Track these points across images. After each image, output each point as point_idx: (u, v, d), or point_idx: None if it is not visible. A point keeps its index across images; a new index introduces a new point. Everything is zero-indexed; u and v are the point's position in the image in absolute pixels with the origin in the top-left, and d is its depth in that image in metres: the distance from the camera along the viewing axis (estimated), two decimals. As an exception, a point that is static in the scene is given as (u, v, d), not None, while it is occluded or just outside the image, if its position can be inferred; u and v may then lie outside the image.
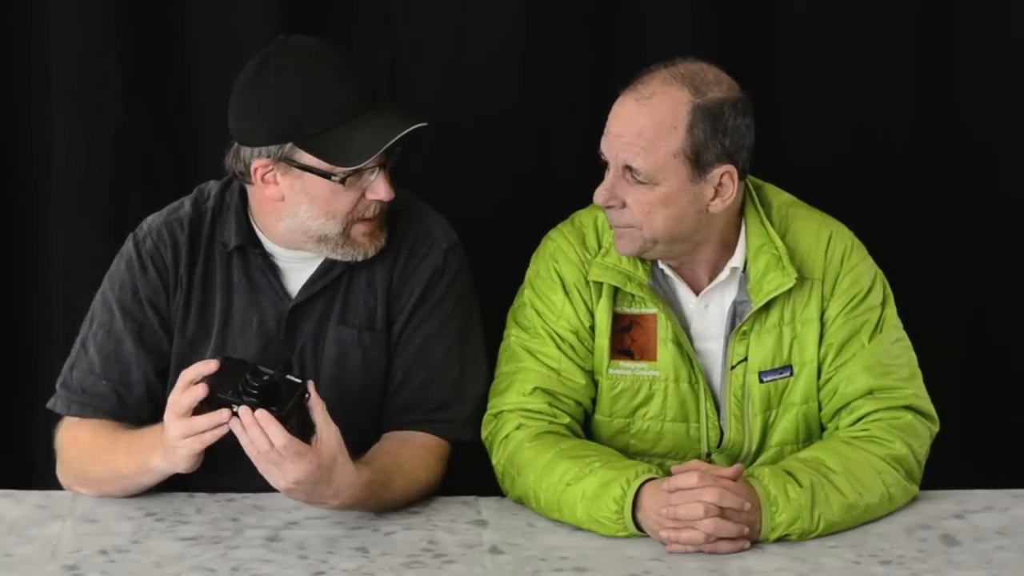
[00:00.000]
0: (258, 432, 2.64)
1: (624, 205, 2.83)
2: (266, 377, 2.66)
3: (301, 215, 2.87)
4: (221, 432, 2.68)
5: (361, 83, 2.84)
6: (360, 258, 2.91)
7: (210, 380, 2.68)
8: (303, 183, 2.85)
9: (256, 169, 2.86)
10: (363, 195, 2.86)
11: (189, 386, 2.69)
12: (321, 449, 2.67)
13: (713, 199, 2.83)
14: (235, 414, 2.65)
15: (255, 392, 2.65)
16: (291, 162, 2.83)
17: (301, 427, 2.67)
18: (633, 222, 2.83)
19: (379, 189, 2.85)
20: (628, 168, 2.80)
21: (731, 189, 2.83)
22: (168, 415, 2.71)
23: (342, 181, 2.82)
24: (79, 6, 3.40)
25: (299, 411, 2.67)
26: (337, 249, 2.90)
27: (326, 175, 2.82)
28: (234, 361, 2.71)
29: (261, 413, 2.64)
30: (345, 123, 2.81)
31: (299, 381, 2.68)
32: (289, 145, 2.82)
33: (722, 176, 2.82)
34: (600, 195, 2.84)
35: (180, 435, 2.69)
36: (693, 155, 2.79)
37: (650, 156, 2.79)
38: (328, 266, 2.95)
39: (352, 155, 2.80)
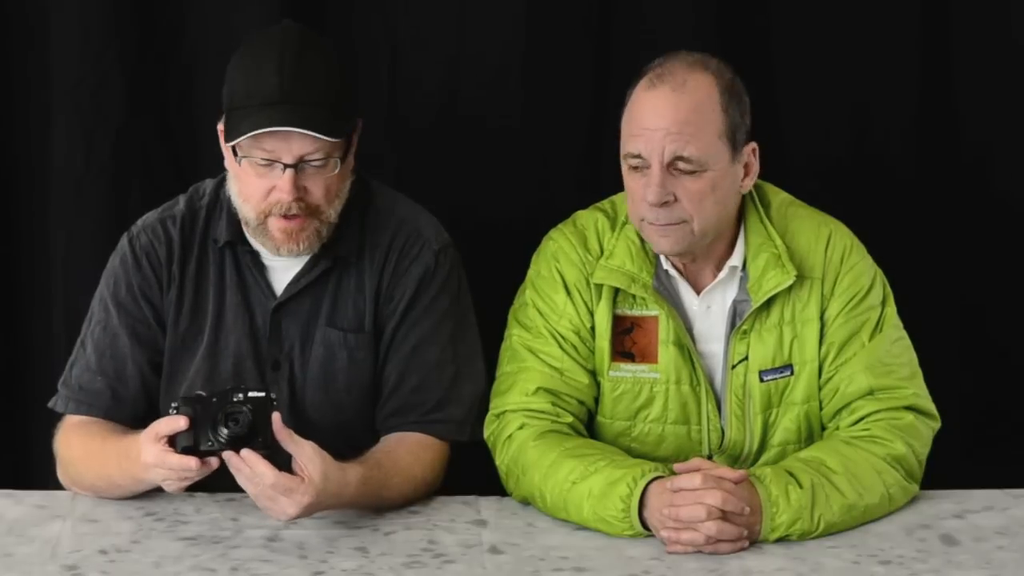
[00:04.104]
0: (249, 472, 2.65)
1: (675, 200, 2.82)
2: (238, 418, 2.64)
3: (232, 192, 2.92)
4: (200, 474, 2.68)
5: (298, 76, 2.81)
6: (278, 253, 2.90)
7: (188, 414, 2.67)
8: (231, 157, 2.89)
9: (221, 133, 2.91)
10: (274, 188, 2.84)
11: (160, 438, 2.68)
12: (310, 475, 2.66)
13: (744, 178, 2.87)
14: (208, 454, 2.65)
15: (231, 438, 2.64)
16: (225, 133, 2.89)
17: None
18: (684, 215, 2.82)
19: (280, 187, 2.83)
20: (679, 159, 2.79)
21: (756, 166, 2.88)
22: (144, 436, 2.71)
23: (240, 161, 2.84)
24: (79, 6, 3.40)
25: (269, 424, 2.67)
26: (259, 238, 2.90)
27: (235, 152, 2.85)
28: (200, 400, 2.69)
29: (247, 454, 2.64)
30: (256, 107, 2.81)
31: (263, 394, 2.67)
32: (224, 116, 2.88)
33: (749, 154, 2.86)
34: (655, 193, 2.79)
35: (153, 462, 2.68)
36: (731, 135, 2.82)
37: (700, 142, 2.79)
38: (311, 265, 2.95)
39: (235, 133, 2.82)
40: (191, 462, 2.66)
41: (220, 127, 2.91)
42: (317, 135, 2.79)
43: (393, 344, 2.97)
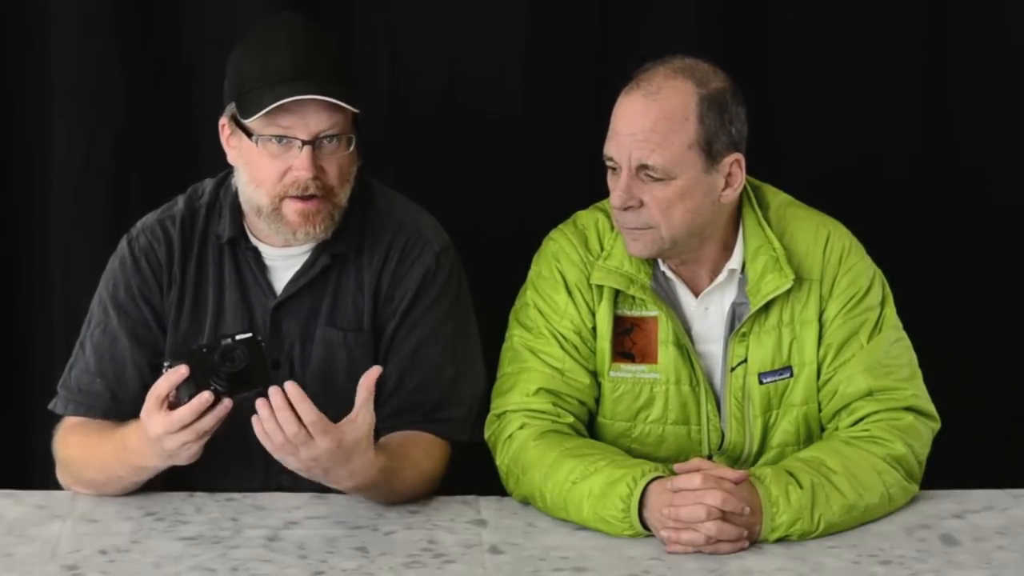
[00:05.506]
0: (271, 425, 2.64)
1: (641, 205, 2.82)
2: (234, 356, 2.65)
3: (242, 182, 2.91)
4: (216, 420, 2.67)
5: (309, 56, 2.84)
6: (294, 238, 2.89)
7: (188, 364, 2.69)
8: (241, 145, 2.88)
9: (223, 128, 2.92)
10: (289, 169, 2.85)
11: (162, 402, 2.68)
12: (347, 429, 2.67)
13: (724, 189, 2.85)
14: (217, 397, 2.66)
15: (231, 376, 2.65)
16: (234, 121, 2.88)
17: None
18: (651, 221, 2.83)
19: (299, 164, 2.84)
20: (644, 166, 2.80)
21: (740, 177, 2.86)
22: (144, 412, 2.71)
23: (256, 141, 2.84)
24: (79, 6, 3.40)
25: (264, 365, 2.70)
26: (272, 225, 2.89)
27: (250, 134, 2.85)
28: (190, 353, 2.70)
29: (291, 387, 2.63)
30: (271, 84, 2.82)
31: (249, 335, 2.70)
32: (232, 104, 2.88)
33: (731, 165, 2.84)
34: (618, 197, 2.82)
35: (164, 431, 2.68)
36: (706, 145, 2.80)
37: (666, 151, 2.79)
38: (310, 263, 2.95)
39: (254, 109, 2.82)
40: (204, 395, 2.65)
41: (223, 121, 2.91)
42: (337, 102, 2.80)
43: (393, 345, 2.97)
